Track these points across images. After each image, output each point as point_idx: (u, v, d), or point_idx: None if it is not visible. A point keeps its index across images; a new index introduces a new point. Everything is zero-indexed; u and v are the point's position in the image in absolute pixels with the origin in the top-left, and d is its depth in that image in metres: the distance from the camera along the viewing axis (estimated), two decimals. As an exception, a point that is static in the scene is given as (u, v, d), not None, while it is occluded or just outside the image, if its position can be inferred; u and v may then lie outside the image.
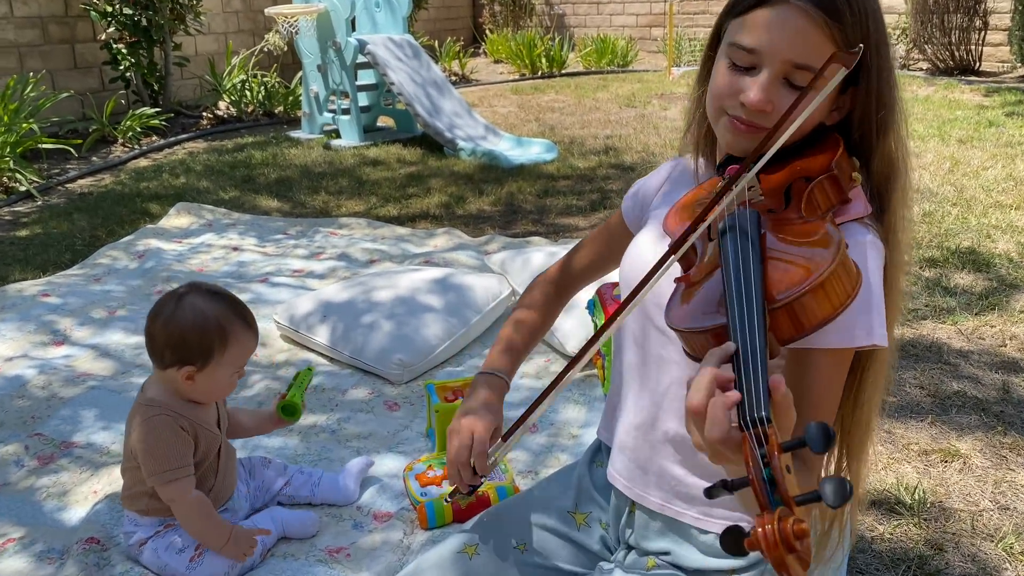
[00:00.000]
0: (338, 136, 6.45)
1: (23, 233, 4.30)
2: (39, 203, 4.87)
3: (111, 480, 2.17)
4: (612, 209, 4.64)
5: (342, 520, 2.08)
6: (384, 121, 6.99)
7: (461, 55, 10.83)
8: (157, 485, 1.79)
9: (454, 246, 3.96)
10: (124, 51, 6.72)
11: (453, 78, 10.69)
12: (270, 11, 6.21)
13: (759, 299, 0.86)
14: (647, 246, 1.25)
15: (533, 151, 5.96)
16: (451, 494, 1.36)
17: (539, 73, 10.65)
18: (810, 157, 1.06)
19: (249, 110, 7.53)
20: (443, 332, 2.85)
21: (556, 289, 1.50)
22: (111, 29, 6.61)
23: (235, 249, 3.98)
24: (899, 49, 9.15)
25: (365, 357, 2.76)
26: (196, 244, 4.05)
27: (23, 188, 4.95)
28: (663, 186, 1.35)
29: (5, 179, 5.07)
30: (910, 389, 2.63)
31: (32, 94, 5.73)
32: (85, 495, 2.16)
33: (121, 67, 6.78)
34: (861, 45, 0.98)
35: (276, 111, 7.69)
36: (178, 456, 1.80)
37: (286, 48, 7.27)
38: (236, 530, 1.86)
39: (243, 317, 1.83)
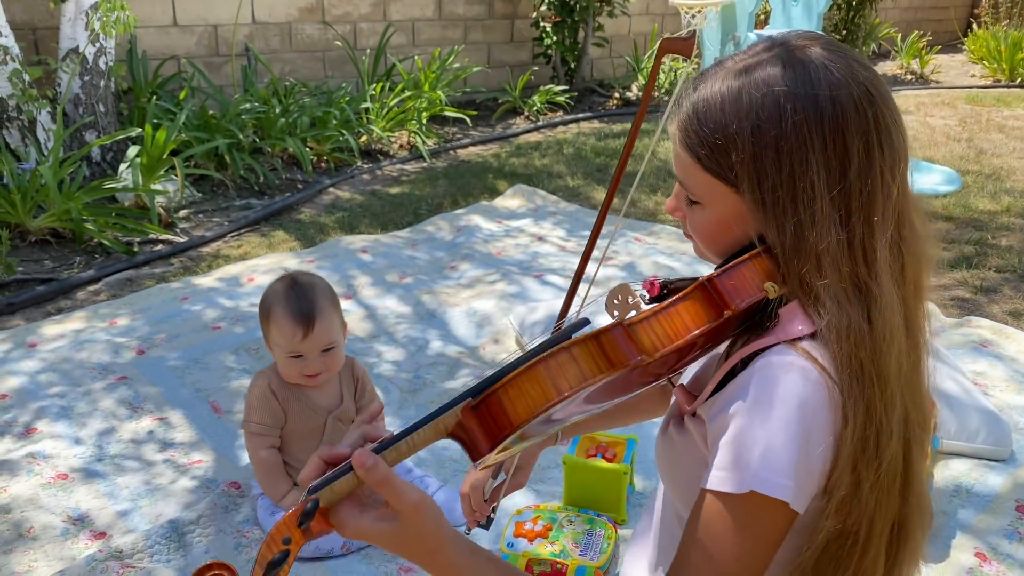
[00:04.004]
0: (720, 133, 6.20)
1: (394, 190, 4.96)
2: (425, 164, 5.55)
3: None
4: (977, 269, 3.80)
5: (435, 541, 2.12)
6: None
7: (923, 52, 9.56)
8: (245, 432, 2.04)
9: (749, 278, 3.62)
10: (548, 29, 7.22)
11: (909, 76, 9.52)
12: (674, 1, 6.14)
13: (464, 395, 0.86)
14: None
15: (929, 180, 5.09)
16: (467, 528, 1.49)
17: (1018, 81, 8.96)
18: None
19: (655, 94, 7.60)
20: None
21: None
22: (543, 8, 7.14)
23: (539, 239, 4.12)
24: None
25: (561, 381, 2.70)
26: (511, 227, 4.29)
27: (420, 150, 5.67)
28: None
29: (411, 139, 5.87)
30: None
31: (455, 65, 6.48)
32: (269, 441, 2.51)
33: (545, 44, 7.31)
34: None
35: (682, 98, 7.64)
36: (259, 415, 2.02)
37: (707, 34, 7.14)
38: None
39: (288, 303, 1.92)
